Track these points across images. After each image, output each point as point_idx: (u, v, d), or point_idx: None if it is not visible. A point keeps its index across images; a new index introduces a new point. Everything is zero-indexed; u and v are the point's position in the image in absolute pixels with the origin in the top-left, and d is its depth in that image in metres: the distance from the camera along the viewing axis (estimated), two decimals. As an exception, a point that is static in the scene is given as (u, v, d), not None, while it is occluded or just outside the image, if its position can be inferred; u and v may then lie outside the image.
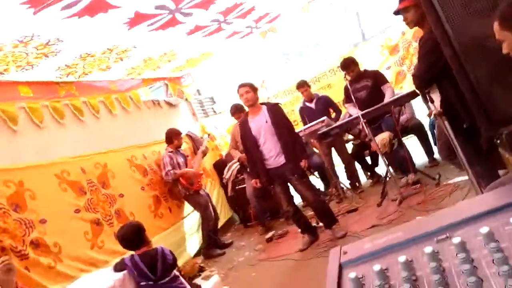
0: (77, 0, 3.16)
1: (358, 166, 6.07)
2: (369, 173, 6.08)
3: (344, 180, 6.12)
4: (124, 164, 5.23)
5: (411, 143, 5.66)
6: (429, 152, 5.48)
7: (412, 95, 4.59)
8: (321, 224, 4.55)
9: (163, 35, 4.57)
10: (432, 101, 3.14)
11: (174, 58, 5.61)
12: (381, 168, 5.80)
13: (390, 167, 4.88)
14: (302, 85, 6.16)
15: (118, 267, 3.11)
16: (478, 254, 0.81)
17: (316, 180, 6.49)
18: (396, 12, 3.22)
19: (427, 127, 5.44)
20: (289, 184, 4.50)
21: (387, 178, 4.94)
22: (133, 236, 3.18)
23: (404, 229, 1.05)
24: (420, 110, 5.37)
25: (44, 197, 3.93)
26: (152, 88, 6.37)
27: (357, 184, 5.97)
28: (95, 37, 3.95)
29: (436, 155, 5.22)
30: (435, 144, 4.98)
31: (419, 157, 5.57)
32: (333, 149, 5.97)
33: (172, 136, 5.61)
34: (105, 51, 4.37)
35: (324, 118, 5.58)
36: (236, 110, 5.80)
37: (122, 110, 5.69)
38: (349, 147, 6.14)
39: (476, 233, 0.87)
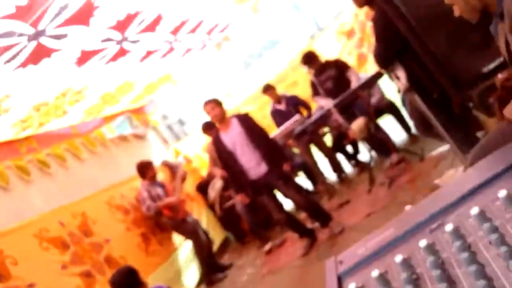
0: (17, 51, 3.04)
1: (341, 157, 6.01)
2: (353, 162, 6.03)
3: (330, 174, 6.05)
4: (103, 208, 5.04)
5: (387, 123, 5.62)
6: (406, 128, 5.47)
7: (377, 76, 4.61)
8: (316, 224, 4.46)
9: (116, 67, 4.45)
10: (398, 78, 3.11)
11: (132, 88, 5.48)
12: (364, 155, 5.76)
13: (372, 152, 4.84)
14: (267, 89, 6.13)
15: None
16: (474, 237, 0.78)
17: (303, 180, 6.40)
18: None
19: (399, 104, 5.42)
20: (276, 190, 4.42)
21: (372, 164, 4.89)
22: (126, 281, 3.08)
23: (395, 224, 1.01)
24: (389, 89, 5.35)
25: (27, 261, 3.76)
26: (115, 123, 6.20)
27: (343, 175, 5.90)
28: (45, 84, 3.82)
29: (414, 130, 5.20)
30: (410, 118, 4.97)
31: (398, 135, 5.54)
32: (312, 146, 5.90)
33: (144, 169, 5.41)
34: (58, 97, 4.23)
35: (296, 116, 5.51)
36: (208, 127, 5.71)
37: (89, 153, 5.51)
38: (328, 140, 6.09)
39: (468, 214, 0.82)
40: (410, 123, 5.23)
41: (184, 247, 5.69)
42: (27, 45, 3.03)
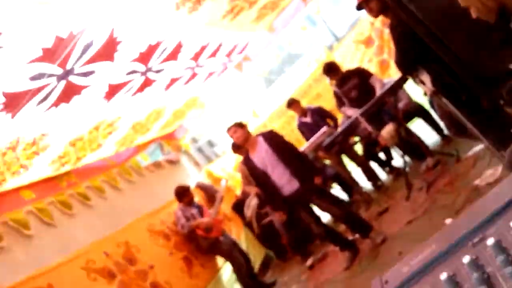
0: (48, 92, 3.17)
1: (374, 165, 5.91)
2: (387, 169, 5.92)
3: (365, 183, 5.96)
4: (144, 235, 5.13)
5: (418, 126, 5.51)
6: (438, 130, 5.32)
7: (402, 80, 4.52)
8: (357, 235, 4.38)
9: (143, 97, 4.57)
10: (423, 83, 3.07)
11: (161, 115, 5.60)
12: (397, 160, 5.64)
13: (405, 157, 4.74)
14: (292, 103, 6.12)
15: None
16: (517, 250, 0.78)
17: (338, 191, 6.33)
18: (359, 7, 3.18)
19: (427, 107, 5.30)
20: (312, 204, 4.37)
21: (407, 169, 4.78)
22: None
23: (437, 240, 1.02)
24: (415, 92, 5.26)
25: (76, 293, 3.84)
26: (148, 151, 6.34)
27: (379, 183, 5.78)
28: (78, 120, 3.96)
29: (447, 131, 5.08)
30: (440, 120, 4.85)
31: (430, 138, 5.39)
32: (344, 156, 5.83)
33: (181, 194, 5.53)
34: (91, 131, 4.37)
35: (324, 128, 5.48)
36: (237, 147, 5.72)
37: (126, 182, 5.64)
38: (359, 149, 6.00)
39: (508, 227, 0.83)
40: (441, 124, 5.12)
41: (226, 268, 5.70)
42: (57, 84, 3.16)
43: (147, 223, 5.28)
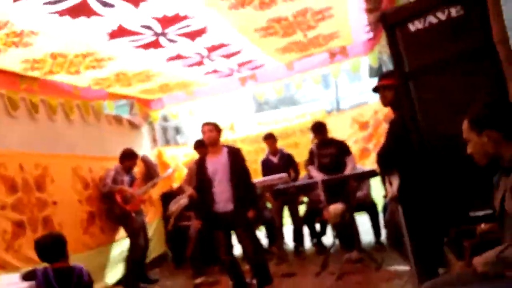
0: (60, -1, 3.08)
1: (306, 231, 5.96)
2: (315, 241, 5.99)
3: (289, 242, 6.00)
4: (66, 172, 4.98)
5: (362, 221, 5.62)
6: (377, 234, 5.47)
7: (372, 173, 4.65)
8: (254, 281, 4.36)
9: (143, 55, 4.50)
10: (391, 184, 3.12)
11: (149, 80, 5.52)
12: (328, 239, 5.74)
13: (336, 240, 4.81)
14: (270, 137, 6.15)
15: (27, 277, 2.86)
16: None
17: (261, 236, 6.31)
18: (375, 89, 3.24)
19: (380, 209, 5.44)
20: (233, 232, 4.36)
21: (331, 250, 4.87)
22: (51, 247, 2.95)
23: None
24: (377, 190, 5.38)
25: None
26: (117, 103, 6.20)
27: (300, 248, 5.85)
28: (72, 38, 3.83)
29: (383, 239, 5.18)
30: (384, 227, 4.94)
31: (366, 235, 5.51)
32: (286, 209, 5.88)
33: (127, 156, 5.42)
34: (78, 55, 4.25)
35: (284, 174, 5.52)
36: (200, 145, 5.66)
37: (80, 118, 5.51)
38: (301, 209, 6.06)
39: None
40: (383, 231, 5.22)
41: (122, 244, 5.52)
42: (74, -4, 3.08)
43: (76, 163, 5.15)
